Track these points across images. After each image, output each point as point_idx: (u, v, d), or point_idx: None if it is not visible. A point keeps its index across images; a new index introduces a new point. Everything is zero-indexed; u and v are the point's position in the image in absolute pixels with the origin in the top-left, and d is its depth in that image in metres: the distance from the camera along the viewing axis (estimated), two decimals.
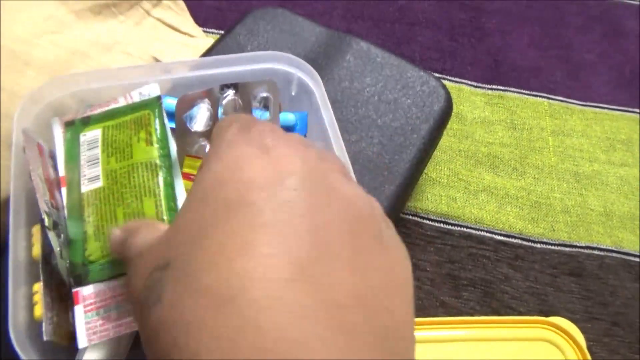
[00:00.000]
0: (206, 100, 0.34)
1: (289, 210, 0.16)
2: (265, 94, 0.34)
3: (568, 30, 0.74)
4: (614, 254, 0.53)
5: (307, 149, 0.20)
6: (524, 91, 0.65)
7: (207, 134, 0.34)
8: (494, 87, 0.65)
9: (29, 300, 0.27)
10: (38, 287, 0.27)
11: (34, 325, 0.27)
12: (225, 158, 0.19)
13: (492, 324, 0.44)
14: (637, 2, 0.79)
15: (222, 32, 0.65)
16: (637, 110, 0.66)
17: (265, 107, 0.34)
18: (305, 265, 0.15)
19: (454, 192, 0.56)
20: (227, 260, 0.15)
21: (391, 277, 0.17)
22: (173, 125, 0.37)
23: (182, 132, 0.34)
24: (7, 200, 0.35)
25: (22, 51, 0.38)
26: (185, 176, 0.32)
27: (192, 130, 0.34)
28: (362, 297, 0.15)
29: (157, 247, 0.19)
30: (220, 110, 0.34)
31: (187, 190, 0.32)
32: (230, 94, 0.34)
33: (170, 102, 0.37)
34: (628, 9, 0.78)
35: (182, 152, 0.34)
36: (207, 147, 0.34)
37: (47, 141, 0.35)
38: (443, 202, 0.55)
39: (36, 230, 0.28)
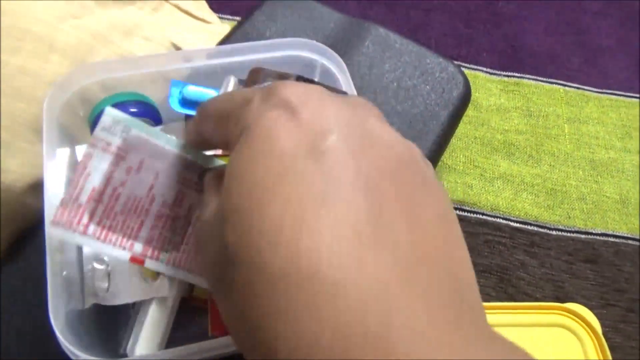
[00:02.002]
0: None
1: (335, 172, 0.16)
2: None
3: (585, 15, 0.73)
4: (630, 241, 0.54)
5: (336, 99, 0.18)
6: (540, 78, 0.65)
7: None
8: (510, 74, 0.65)
9: (67, 287, 0.27)
10: None
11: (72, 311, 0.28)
12: (255, 132, 0.17)
13: (508, 310, 0.45)
14: None
15: (237, 18, 0.65)
16: None
17: None
18: (366, 229, 0.14)
19: (469, 179, 0.56)
20: (290, 242, 0.14)
21: (442, 220, 0.17)
22: (189, 112, 0.37)
23: None
24: (34, 183, 0.36)
25: (46, 35, 0.39)
26: None
27: None
28: (425, 251, 0.15)
29: (214, 227, 0.18)
30: None
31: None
32: None
33: (193, 90, 0.38)
34: None
35: None
36: None
37: (73, 127, 0.36)
38: (459, 189, 0.55)
39: None
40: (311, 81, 0.34)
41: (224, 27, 0.59)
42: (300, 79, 0.34)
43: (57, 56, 0.38)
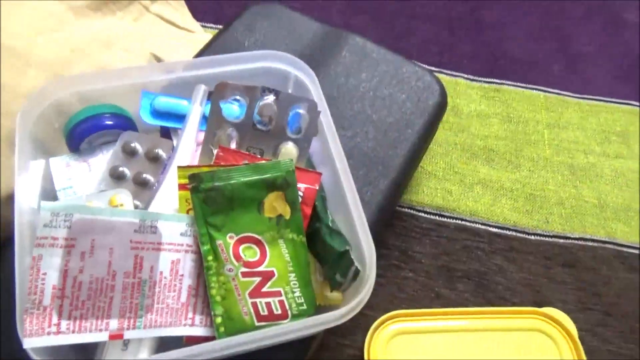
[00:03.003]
0: (245, 95, 0.35)
1: None
2: (302, 111, 0.35)
3: (567, 21, 0.74)
4: (608, 245, 0.54)
5: None
6: (521, 84, 0.66)
7: (237, 126, 0.36)
8: (491, 80, 0.66)
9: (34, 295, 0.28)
10: None
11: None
12: None
13: (486, 315, 0.45)
14: None
15: (220, 26, 0.65)
16: (635, 102, 0.66)
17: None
18: None
19: (449, 185, 0.56)
20: None
21: None
22: (160, 123, 0.38)
23: (215, 117, 0.35)
24: (8, 196, 0.36)
25: (22, 49, 0.39)
26: (180, 187, 0.33)
27: (224, 117, 0.35)
28: None
29: None
30: (256, 110, 0.35)
31: (183, 200, 0.33)
32: (270, 98, 0.35)
33: (163, 101, 0.38)
34: (628, 0, 0.78)
35: (210, 135, 0.35)
36: (235, 136, 0.36)
37: (49, 139, 0.36)
38: (439, 194, 0.55)
39: None
40: (276, 92, 0.34)
41: (207, 36, 0.60)
42: (265, 90, 0.34)
43: (34, 70, 0.38)
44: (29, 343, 0.26)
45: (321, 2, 0.70)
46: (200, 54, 0.48)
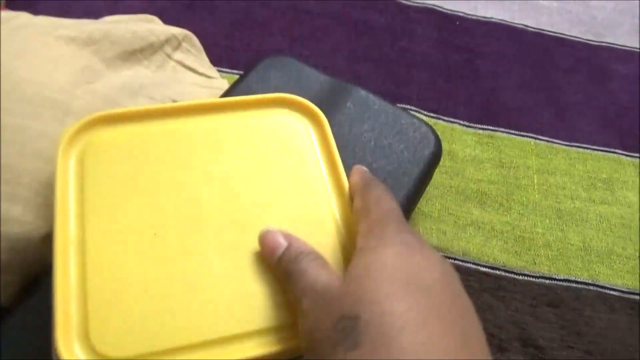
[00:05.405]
0: None
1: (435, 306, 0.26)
2: None
3: (557, 72, 0.79)
4: (590, 287, 0.58)
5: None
6: (513, 131, 0.70)
7: None
8: (485, 127, 0.70)
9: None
10: None
11: None
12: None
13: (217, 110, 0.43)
14: (621, 46, 0.84)
15: (234, 71, 0.71)
16: (619, 150, 0.71)
17: None
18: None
19: (444, 225, 0.61)
20: (409, 334, 0.23)
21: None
22: None
23: None
24: (47, 235, 0.40)
25: (63, 101, 0.44)
26: None
27: None
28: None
29: (341, 295, 0.25)
30: None
31: None
32: None
33: None
34: (613, 52, 0.83)
35: None
36: None
37: None
38: (433, 235, 0.60)
39: None
40: None
41: (224, 81, 0.65)
42: None
43: (72, 120, 0.43)
44: None
45: (328, 49, 0.76)
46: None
